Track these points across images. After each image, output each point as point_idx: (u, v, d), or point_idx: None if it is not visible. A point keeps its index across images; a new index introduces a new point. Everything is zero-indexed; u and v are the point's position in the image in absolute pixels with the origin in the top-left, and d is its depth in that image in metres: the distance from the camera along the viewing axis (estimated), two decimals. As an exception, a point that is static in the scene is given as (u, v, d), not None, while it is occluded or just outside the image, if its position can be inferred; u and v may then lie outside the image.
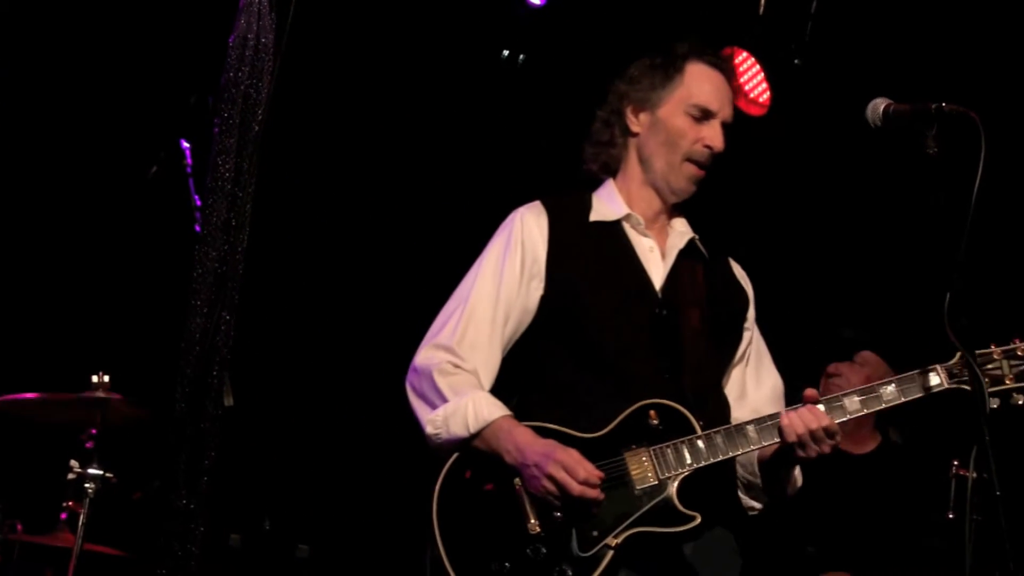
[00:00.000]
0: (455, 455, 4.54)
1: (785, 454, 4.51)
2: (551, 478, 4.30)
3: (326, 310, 9.00)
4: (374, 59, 8.53)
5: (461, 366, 4.64)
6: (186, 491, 5.34)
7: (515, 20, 8.50)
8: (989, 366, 4.46)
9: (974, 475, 4.21)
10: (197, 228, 6.01)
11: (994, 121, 4.29)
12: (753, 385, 4.94)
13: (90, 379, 6.65)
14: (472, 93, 8.83)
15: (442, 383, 4.58)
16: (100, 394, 6.62)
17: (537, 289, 4.75)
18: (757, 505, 4.81)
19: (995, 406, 4.43)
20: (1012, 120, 7.21)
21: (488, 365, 4.71)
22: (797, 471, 4.75)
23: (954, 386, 4.46)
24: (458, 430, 4.49)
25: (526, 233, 4.83)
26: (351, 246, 8.98)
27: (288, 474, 8.66)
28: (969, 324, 4.05)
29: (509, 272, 4.76)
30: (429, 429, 4.57)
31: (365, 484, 8.86)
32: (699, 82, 4.91)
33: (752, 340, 4.99)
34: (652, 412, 4.48)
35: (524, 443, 4.41)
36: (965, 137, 4.21)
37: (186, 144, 6.72)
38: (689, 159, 4.84)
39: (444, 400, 4.56)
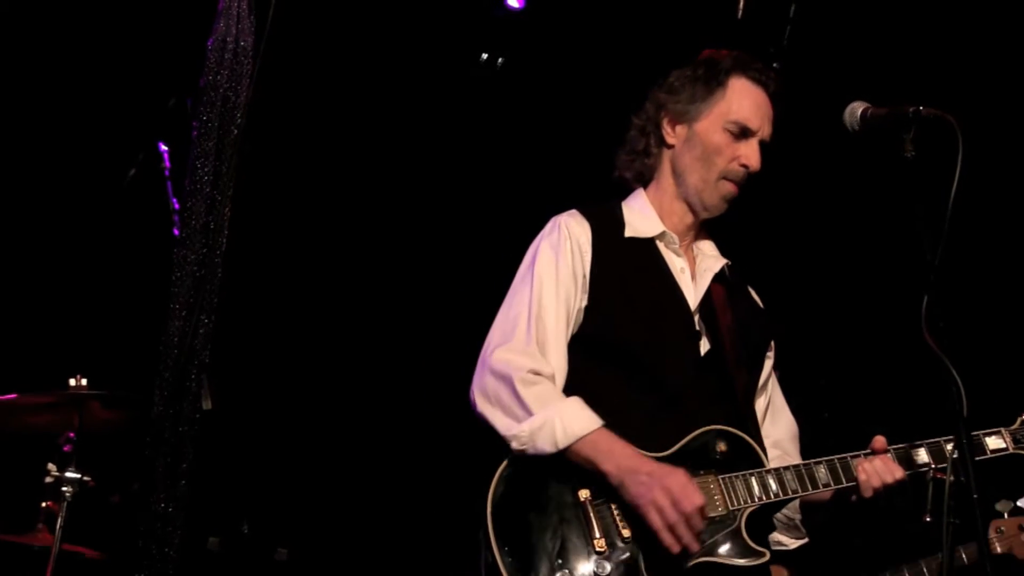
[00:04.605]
0: (506, 460, 4.43)
1: (845, 499, 4.51)
2: (666, 489, 4.20)
3: (305, 313, 8.99)
4: (353, 62, 8.52)
5: (542, 372, 4.51)
6: (164, 494, 5.33)
7: (494, 23, 8.50)
8: None
9: (951, 478, 4.23)
10: (175, 231, 5.99)
11: (972, 124, 4.30)
12: (771, 419, 4.95)
13: (68, 382, 6.64)
14: (451, 96, 8.83)
15: (526, 394, 4.44)
16: (82, 390, 6.61)
17: (583, 301, 4.69)
18: (792, 543, 4.82)
19: None
20: (990, 123, 7.23)
21: (562, 367, 4.60)
22: None
23: (1019, 451, 4.51)
24: (545, 446, 4.36)
25: (574, 242, 4.73)
26: (330, 249, 8.97)
27: (267, 477, 8.64)
28: (946, 327, 4.06)
29: (565, 276, 4.67)
30: (515, 445, 4.42)
31: (344, 487, 8.85)
32: (740, 98, 4.86)
33: (772, 371, 4.99)
34: (720, 439, 4.47)
35: (634, 453, 4.32)
36: (943, 140, 4.21)
37: (164, 147, 6.69)
38: (724, 177, 4.81)
39: (529, 413, 4.41)
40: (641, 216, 4.87)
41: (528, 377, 4.47)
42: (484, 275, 5.18)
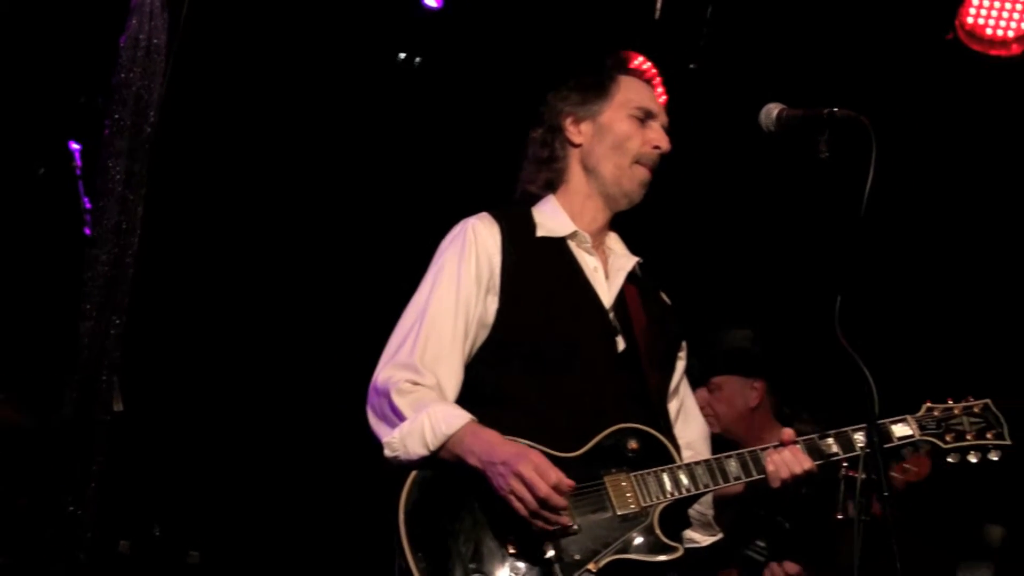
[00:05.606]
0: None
1: (756, 492, 4.53)
2: (519, 476, 4.14)
3: (217, 313, 8.93)
4: (269, 60, 8.47)
5: (421, 383, 4.45)
6: (74, 497, 5.28)
7: (411, 22, 8.48)
8: (952, 421, 4.57)
9: (863, 476, 4.27)
10: (87, 231, 5.93)
11: (885, 125, 4.33)
12: (683, 421, 4.92)
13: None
14: (368, 95, 8.80)
15: (400, 402, 4.40)
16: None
17: (493, 303, 4.61)
18: (703, 540, 4.80)
19: (954, 461, 4.56)
20: (904, 122, 7.31)
21: (452, 378, 4.53)
22: None
23: (925, 438, 4.56)
24: (417, 449, 4.31)
25: (480, 244, 4.67)
26: (243, 249, 8.92)
27: (178, 479, 8.58)
28: (858, 321, 4.09)
29: (466, 283, 4.61)
30: (387, 452, 4.38)
31: (256, 489, 8.81)
32: (636, 88, 4.93)
33: (683, 374, 4.97)
34: (631, 437, 4.45)
35: (492, 442, 4.26)
36: (857, 141, 4.24)
37: (76, 146, 6.63)
38: (638, 161, 4.80)
39: (403, 419, 4.38)
40: (552, 217, 4.84)
41: (405, 387, 4.45)
42: (400, 275, 5.15)
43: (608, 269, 4.81)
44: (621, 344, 4.67)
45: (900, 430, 4.57)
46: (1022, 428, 4.63)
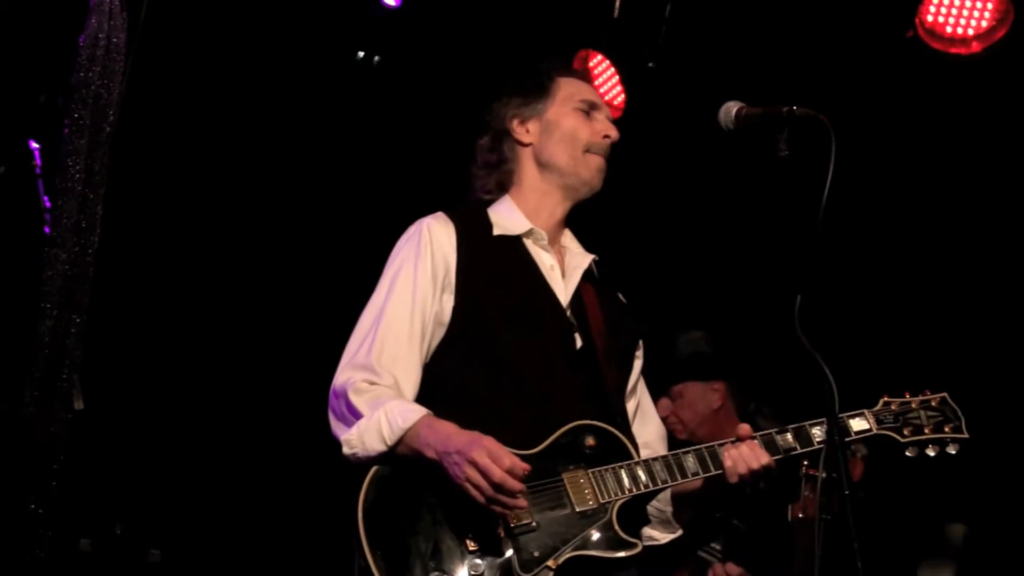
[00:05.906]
0: (378, 465, 4.40)
1: (714, 488, 4.58)
2: (473, 463, 4.16)
3: (178, 312, 8.91)
4: (228, 59, 8.45)
5: (377, 382, 4.50)
6: (34, 495, 5.25)
7: (370, 21, 8.47)
8: (909, 415, 4.65)
9: (823, 475, 4.30)
10: (47, 230, 5.91)
11: (845, 123, 4.36)
12: (640, 421, 4.96)
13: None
14: (328, 94, 8.78)
15: (357, 400, 4.44)
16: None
17: (449, 301, 4.66)
18: (662, 537, 4.84)
19: (912, 455, 4.61)
20: (863, 121, 7.34)
21: (410, 377, 4.58)
22: None
23: (882, 432, 4.59)
24: (375, 444, 4.36)
25: (436, 244, 4.72)
26: (204, 248, 8.90)
27: (139, 478, 8.56)
28: (818, 319, 4.11)
29: (423, 282, 4.65)
30: (346, 450, 4.42)
31: (218, 487, 8.79)
32: (575, 84, 5.05)
33: (640, 373, 5.02)
34: (588, 434, 4.49)
35: (448, 433, 4.29)
36: (816, 140, 4.26)
37: (35, 145, 6.60)
38: (589, 150, 4.89)
39: (360, 417, 4.42)
40: (508, 216, 4.90)
41: (362, 386, 4.49)
42: (360, 275, 5.15)
43: (564, 267, 4.85)
44: (578, 342, 4.70)
45: (857, 424, 4.60)
46: (980, 423, 4.68)
